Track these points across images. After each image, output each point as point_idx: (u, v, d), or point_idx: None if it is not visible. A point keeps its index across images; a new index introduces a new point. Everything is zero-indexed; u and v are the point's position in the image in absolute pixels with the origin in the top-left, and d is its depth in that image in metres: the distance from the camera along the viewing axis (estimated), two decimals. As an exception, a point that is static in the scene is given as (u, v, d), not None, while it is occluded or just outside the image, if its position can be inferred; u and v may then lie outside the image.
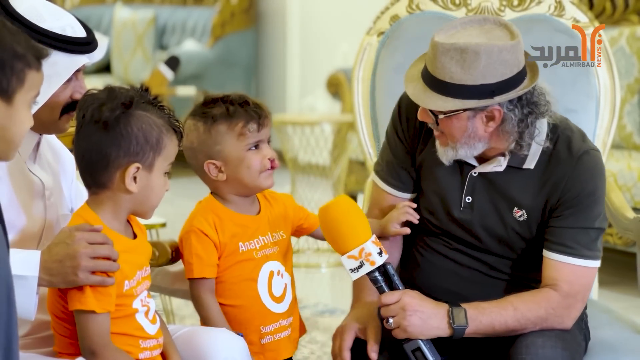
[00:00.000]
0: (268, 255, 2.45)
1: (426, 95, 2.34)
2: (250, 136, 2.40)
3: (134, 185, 2.13)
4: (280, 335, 2.45)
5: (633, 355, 2.53)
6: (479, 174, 2.46)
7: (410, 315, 2.31)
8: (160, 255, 2.59)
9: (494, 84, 2.30)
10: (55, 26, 2.24)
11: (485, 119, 2.35)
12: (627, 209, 2.80)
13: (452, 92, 2.30)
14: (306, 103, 7.72)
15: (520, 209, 2.44)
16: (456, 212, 2.48)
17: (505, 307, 2.36)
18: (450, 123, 2.35)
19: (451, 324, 2.33)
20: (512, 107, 2.35)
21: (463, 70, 2.29)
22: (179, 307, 4.42)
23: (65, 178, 2.42)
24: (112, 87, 2.17)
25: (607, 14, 5.65)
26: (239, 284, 2.42)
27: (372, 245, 2.32)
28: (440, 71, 2.31)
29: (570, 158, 2.41)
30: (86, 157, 2.14)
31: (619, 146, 5.29)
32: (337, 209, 2.34)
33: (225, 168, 2.41)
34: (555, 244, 2.40)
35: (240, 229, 2.43)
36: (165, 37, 8.66)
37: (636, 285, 3.16)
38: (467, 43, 2.28)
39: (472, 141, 2.38)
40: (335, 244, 2.35)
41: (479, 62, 2.27)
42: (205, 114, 2.42)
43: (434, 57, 2.31)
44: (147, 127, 2.13)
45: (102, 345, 2.09)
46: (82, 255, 2.06)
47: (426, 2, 3.05)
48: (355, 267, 2.32)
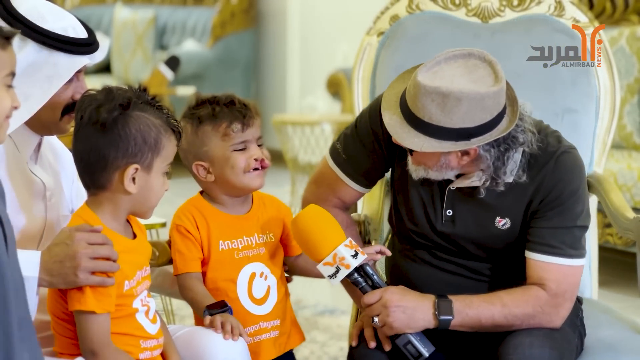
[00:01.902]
0: (250, 256, 2.44)
1: (403, 131, 2.31)
2: (235, 136, 2.40)
3: (132, 186, 2.13)
4: (260, 337, 2.43)
5: (632, 354, 2.53)
6: (456, 188, 2.45)
7: (394, 311, 2.33)
8: (160, 255, 2.59)
9: (473, 128, 2.28)
10: (56, 27, 2.24)
11: (460, 154, 2.34)
12: (627, 209, 2.79)
13: (430, 131, 2.28)
14: (306, 103, 7.72)
15: (503, 217, 2.44)
16: (438, 225, 2.48)
17: (493, 302, 2.36)
18: (424, 155, 2.35)
19: (436, 315, 2.34)
20: (488, 148, 2.34)
21: (443, 114, 2.26)
22: (179, 307, 4.41)
23: (66, 178, 2.42)
24: (110, 87, 2.16)
25: (607, 14, 5.65)
26: (217, 283, 2.42)
27: (345, 249, 2.33)
28: (420, 110, 2.28)
29: (547, 161, 2.40)
30: (84, 158, 2.13)
31: (619, 146, 5.29)
32: (307, 218, 2.36)
33: (212, 169, 2.42)
34: (541, 244, 2.40)
35: (222, 227, 2.44)
36: (165, 37, 8.66)
37: (636, 285, 3.16)
38: (450, 89, 2.25)
39: (444, 170, 2.37)
40: (310, 254, 2.37)
41: (460, 108, 2.25)
42: (192, 115, 2.44)
43: (415, 96, 2.28)
44: (145, 128, 2.13)
45: (102, 345, 2.09)
46: (82, 256, 2.06)
47: (426, 2, 3.05)
48: (332, 273, 2.34)
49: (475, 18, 3.03)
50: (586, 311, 2.62)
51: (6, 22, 2.20)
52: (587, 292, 2.90)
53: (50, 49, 2.22)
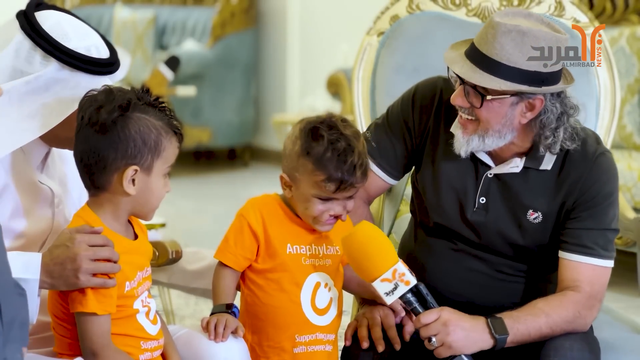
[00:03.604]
0: (317, 266, 2.39)
1: (477, 74, 2.31)
2: (324, 192, 2.32)
3: (132, 188, 2.13)
4: (314, 348, 2.38)
5: (633, 355, 2.53)
6: (494, 175, 2.45)
7: (453, 330, 2.30)
8: (160, 255, 2.60)
9: (546, 73, 2.30)
10: (80, 46, 2.23)
11: (525, 109, 2.34)
12: (627, 209, 2.80)
13: (504, 73, 2.29)
14: (306, 103, 7.71)
15: (536, 211, 2.43)
16: (469, 213, 2.46)
17: (537, 314, 2.35)
18: (492, 107, 2.33)
19: (493, 335, 2.32)
20: (554, 101, 2.35)
21: (522, 54, 2.28)
22: (179, 307, 4.41)
23: (73, 183, 2.42)
24: (111, 88, 2.16)
25: (607, 14, 5.65)
26: (282, 283, 2.37)
27: (403, 266, 2.30)
28: (497, 51, 2.29)
29: (586, 160, 2.40)
30: (84, 159, 2.13)
31: (619, 146, 5.28)
32: (362, 234, 2.30)
33: (293, 189, 2.36)
34: (575, 245, 2.40)
35: (292, 231, 2.38)
36: (165, 37, 8.65)
37: (636, 285, 3.16)
38: (529, 27, 2.28)
39: (505, 129, 2.36)
40: (364, 270, 2.31)
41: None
42: (307, 141, 2.32)
43: (493, 37, 2.29)
44: (145, 129, 2.12)
45: (102, 346, 2.09)
46: (82, 258, 2.06)
47: (426, 2, 3.05)
48: (390, 290, 2.29)
49: (475, 18, 3.03)
50: (586, 311, 2.62)
51: (30, 38, 2.20)
52: (587, 292, 2.90)
53: (73, 69, 2.22)
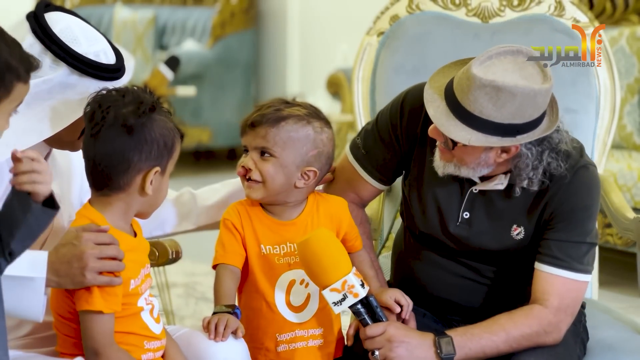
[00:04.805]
0: (292, 263, 2.39)
1: (450, 123, 2.29)
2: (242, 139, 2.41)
3: (151, 188, 2.14)
4: (296, 345, 2.39)
5: (633, 355, 2.53)
6: (479, 190, 2.44)
7: (397, 346, 2.31)
8: (160, 255, 2.60)
9: (520, 125, 2.27)
10: (90, 51, 2.23)
11: (500, 151, 2.33)
12: (627, 209, 2.79)
13: (477, 125, 2.26)
14: (306, 103, 7.71)
15: (519, 226, 2.43)
16: (452, 227, 2.46)
17: (495, 331, 2.34)
18: (466, 150, 2.32)
19: (438, 354, 2.32)
20: (530, 146, 2.33)
21: (495, 108, 2.24)
22: (179, 308, 4.42)
23: (75, 182, 2.41)
24: (127, 89, 2.16)
25: (607, 14, 5.65)
26: (258, 285, 2.39)
27: (355, 278, 2.30)
28: (471, 103, 2.26)
29: (566, 171, 2.38)
30: (105, 160, 2.12)
31: (619, 146, 5.28)
32: (317, 242, 2.30)
33: None
34: (547, 256, 2.39)
35: (266, 231, 2.40)
36: (165, 37, 8.66)
37: (636, 285, 3.16)
38: (505, 83, 2.23)
39: (480, 167, 2.36)
40: (316, 277, 2.31)
41: (513, 103, 2.24)
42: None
43: (468, 88, 2.25)
44: (165, 131, 2.14)
45: (105, 345, 2.09)
46: (89, 256, 2.06)
47: (426, 2, 3.05)
48: (338, 300, 2.30)
49: (475, 18, 3.03)
50: (587, 312, 2.62)
51: (40, 41, 2.20)
52: (588, 293, 2.89)
53: (81, 74, 2.22)
